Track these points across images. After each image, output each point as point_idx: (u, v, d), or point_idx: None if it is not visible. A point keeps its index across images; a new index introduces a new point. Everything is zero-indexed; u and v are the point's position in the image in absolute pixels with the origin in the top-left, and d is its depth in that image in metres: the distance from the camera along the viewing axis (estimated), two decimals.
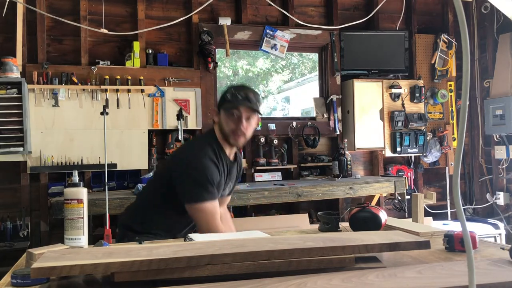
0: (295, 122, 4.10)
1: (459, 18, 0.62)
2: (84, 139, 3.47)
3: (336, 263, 1.09)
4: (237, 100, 1.84)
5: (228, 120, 1.87)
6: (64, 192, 1.40)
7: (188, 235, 1.52)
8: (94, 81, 3.51)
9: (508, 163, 4.33)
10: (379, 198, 4.12)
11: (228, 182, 1.99)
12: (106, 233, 2.66)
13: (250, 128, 1.90)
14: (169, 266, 0.99)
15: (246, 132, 1.88)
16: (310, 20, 4.17)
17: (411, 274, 1.00)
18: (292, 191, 3.39)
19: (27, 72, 3.38)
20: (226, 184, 1.99)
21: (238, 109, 1.85)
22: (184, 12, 3.80)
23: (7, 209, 3.38)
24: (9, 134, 3.20)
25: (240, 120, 1.86)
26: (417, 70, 4.44)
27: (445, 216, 4.52)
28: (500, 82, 4.33)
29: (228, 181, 1.99)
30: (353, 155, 4.17)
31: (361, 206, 1.57)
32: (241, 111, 1.85)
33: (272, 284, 0.94)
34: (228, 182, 2.01)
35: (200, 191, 1.79)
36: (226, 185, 1.99)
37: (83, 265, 0.96)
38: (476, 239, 1.28)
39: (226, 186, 2.00)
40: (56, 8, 3.57)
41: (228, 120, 1.87)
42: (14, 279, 1.04)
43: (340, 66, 4.21)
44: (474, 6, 4.63)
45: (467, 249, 0.64)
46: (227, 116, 1.88)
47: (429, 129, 4.44)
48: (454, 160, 0.65)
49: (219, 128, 1.92)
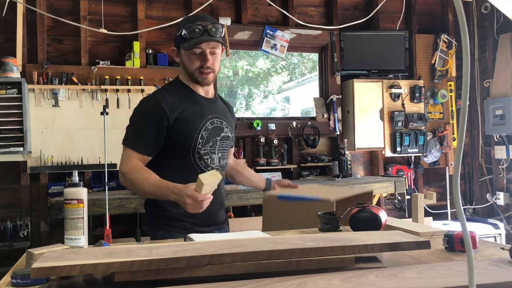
0: (295, 122, 4.10)
1: (459, 18, 0.62)
2: (84, 139, 3.47)
3: (336, 263, 1.09)
4: (196, 36, 1.66)
5: (191, 59, 1.71)
6: (64, 192, 1.40)
7: (188, 235, 1.52)
8: (94, 81, 3.51)
9: (508, 163, 4.33)
10: (379, 198, 4.12)
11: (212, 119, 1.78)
12: (106, 233, 2.66)
13: (217, 61, 1.75)
14: (169, 266, 0.99)
15: (214, 67, 1.74)
16: (310, 20, 4.18)
17: (411, 274, 1.00)
18: None
19: (27, 72, 3.38)
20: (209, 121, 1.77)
21: (199, 46, 1.68)
22: (184, 12, 3.80)
23: (7, 209, 3.38)
24: (9, 134, 3.20)
25: (205, 57, 1.70)
26: (417, 70, 4.44)
27: (445, 216, 4.52)
28: (500, 82, 4.33)
29: (212, 118, 1.78)
30: (353, 155, 4.17)
31: (361, 206, 1.57)
32: (203, 47, 1.68)
33: (272, 284, 0.94)
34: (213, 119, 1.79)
35: (127, 134, 1.74)
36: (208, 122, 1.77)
37: (83, 265, 0.96)
38: (476, 239, 1.28)
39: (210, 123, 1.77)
40: (56, 8, 3.57)
41: (191, 59, 1.71)
42: (14, 279, 1.04)
43: (340, 66, 4.21)
44: (474, 6, 4.63)
45: (467, 249, 0.64)
46: (188, 55, 1.71)
47: (429, 129, 4.44)
48: (454, 160, 0.65)
49: (183, 68, 1.77)
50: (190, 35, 1.67)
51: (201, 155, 1.75)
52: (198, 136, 1.74)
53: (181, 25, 1.72)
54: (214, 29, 1.68)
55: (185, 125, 1.72)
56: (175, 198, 1.58)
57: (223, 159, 1.83)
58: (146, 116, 1.72)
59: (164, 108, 1.69)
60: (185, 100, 1.76)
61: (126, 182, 1.70)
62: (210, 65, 1.71)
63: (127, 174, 1.68)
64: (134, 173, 1.67)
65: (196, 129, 1.74)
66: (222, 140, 1.82)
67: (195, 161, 1.75)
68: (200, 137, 1.74)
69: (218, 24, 1.70)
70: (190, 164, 1.74)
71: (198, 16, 1.76)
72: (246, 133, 3.94)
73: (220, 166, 1.81)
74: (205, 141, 1.75)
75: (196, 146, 1.73)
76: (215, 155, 1.79)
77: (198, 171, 1.72)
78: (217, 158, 1.80)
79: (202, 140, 1.75)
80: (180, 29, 1.71)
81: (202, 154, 1.75)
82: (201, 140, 1.74)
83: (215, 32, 1.68)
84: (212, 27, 1.67)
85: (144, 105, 1.75)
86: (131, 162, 1.69)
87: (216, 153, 1.79)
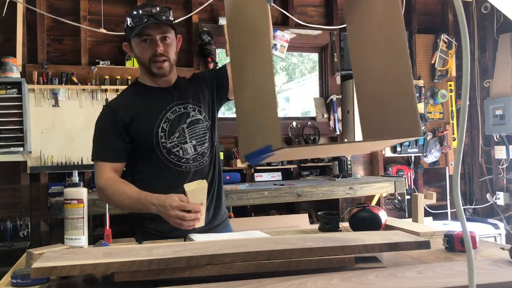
0: (295, 122, 4.10)
1: (459, 18, 0.62)
2: (84, 139, 3.46)
3: (336, 263, 1.09)
4: (141, 22, 1.52)
5: (141, 49, 1.58)
6: (64, 192, 1.40)
7: (188, 235, 1.51)
8: (94, 81, 3.51)
9: (508, 163, 4.33)
10: (379, 198, 4.12)
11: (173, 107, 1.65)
12: (106, 233, 2.65)
13: (171, 48, 1.60)
14: (169, 266, 0.99)
15: (168, 54, 1.59)
16: (310, 20, 4.17)
17: (411, 274, 1.00)
18: (292, 191, 3.38)
19: (27, 72, 3.38)
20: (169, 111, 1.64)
21: (147, 32, 1.55)
22: (184, 12, 3.80)
23: (7, 209, 3.37)
24: (9, 134, 3.19)
25: (155, 43, 1.56)
26: (417, 70, 4.44)
27: (445, 216, 4.52)
28: (500, 82, 4.33)
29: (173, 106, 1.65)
30: (353, 155, 4.17)
31: (361, 206, 1.57)
32: (151, 33, 1.55)
33: (272, 284, 0.94)
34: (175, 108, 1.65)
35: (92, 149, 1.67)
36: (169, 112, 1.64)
37: (83, 265, 0.96)
38: (476, 239, 1.28)
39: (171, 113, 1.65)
40: (56, 8, 3.57)
41: (141, 49, 1.58)
42: (14, 279, 1.04)
43: (340, 66, 4.21)
44: (474, 6, 4.63)
45: (467, 249, 0.64)
46: (139, 46, 1.58)
47: (429, 129, 4.44)
48: (454, 160, 0.65)
49: (138, 62, 1.65)
50: (136, 23, 1.53)
51: (169, 149, 1.62)
52: (158, 130, 1.62)
53: (126, 15, 1.59)
54: (161, 13, 1.54)
55: (143, 122, 1.62)
56: (156, 210, 1.47)
57: (200, 145, 1.67)
58: (102, 124, 1.66)
59: (116, 110, 1.62)
60: (140, 98, 1.66)
61: (104, 197, 1.61)
62: (162, 51, 1.57)
63: (103, 188, 1.59)
64: (110, 186, 1.58)
65: (155, 123, 1.62)
66: (191, 126, 1.66)
67: (165, 156, 1.62)
68: (161, 130, 1.62)
69: (165, 7, 1.57)
70: (160, 161, 1.62)
71: (143, 3, 1.65)
72: None
73: (197, 154, 1.66)
74: (167, 133, 1.62)
75: (160, 140, 1.61)
76: (188, 144, 1.64)
77: (172, 167, 1.62)
78: (190, 147, 1.65)
79: (164, 133, 1.62)
80: (126, 20, 1.59)
81: (170, 148, 1.62)
82: (163, 133, 1.62)
83: (162, 16, 1.53)
84: (158, 11, 1.53)
85: (99, 116, 1.69)
86: (105, 174, 1.60)
87: (188, 141, 1.65)
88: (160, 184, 1.58)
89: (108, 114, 1.65)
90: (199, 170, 1.68)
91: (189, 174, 1.65)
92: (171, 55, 1.62)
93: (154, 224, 1.62)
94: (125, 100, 1.67)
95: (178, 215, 1.41)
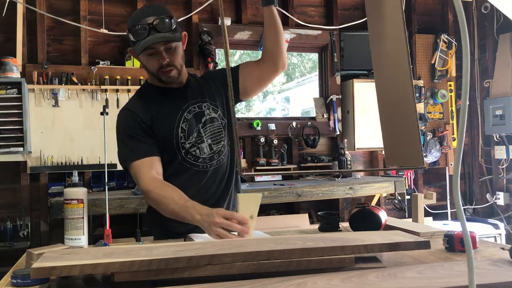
0: (295, 122, 4.10)
1: (459, 18, 0.62)
2: (84, 139, 3.47)
3: (336, 263, 1.09)
4: (144, 37, 1.49)
5: (147, 62, 1.58)
6: (64, 192, 1.40)
7: (188, 235, 1.51)
8: (94, 81, 3.51)
9: (508, 163, 4.33)
10: (379, 198, 4.12)
11: (189, 107, 1.65)
12: (106, 233, 2.65)
13: (176, 56, 1.58)
14: (169, 266, 0.99)
15: (174, 63, 1.58)
16: (310, 20, 4.18)
17: (411, 274, 1.00)
18: (292, 191, 3.39)
19: (27, 72, 3.38)
20: (186, 111, 1.65)
21: (151, 47, 1.52)
22: (184, 12, 3.80)
23: (7, 209, 3.38)
24: (9, 134, 3.20)
25: (160, 56, 1.54)
26: (417, 70, 4.44)
27: (445, 216, 4.52)
28: (500, 82, 4.33)
29: (189, 106, 1.65)
30: (353, 155, 4.17)
31: (361, 206, 1.57)
32: (155, 46, 1.52)
33: (272, 284, 0.94)
34: (190, 107, 1.66)
35: (122, 153, 1.61)
36: (186, 112, 1.65)
37: (83, 265, 0.96)
38: (476, 239, 1.28)
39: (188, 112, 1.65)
40: (56, 8, 3.57)
41: (147, 62, 1.58)
42: (14, 279, 1.04)
43: (340, 66, 4.21)
44: (474, 6, 4.63)
45: (467, 249, 0.64)
46: (143, 58, 1.58)
47: (429, 129, 4.44)
48: (454, 160, 0.65)
49: (145, 69, 1.65)
50: (137, 38, 1.51)
51: (187, 149, 1.63)
52: (178, 130, 1.62)
53: (128, 26, 1.56)
54: (162, 24, 1.49)
55: (163, 123, 1.62)
56: (201, 219, 1.39)
57: (215, 144, 1.67)
58: (126, 128, 1.63)
59: (137, 113, 1.62)
60: (155, 99, 1.66)
61: (150, 201, 1.56)
62: (168, 62, 1.56)
63: (148, 191, 1.52)
64: (155, 189, 1.51)
65: (174, 124, 1.62)
66: (206, 125, 1.66)
67: (183, 157, 1.62)
68: (181, 131, 1.62)
69: (166, 17, 1.51)
70: (179, 162, 1.63)
71: (143, 10, 1.56)
72: (246, 133, 3.94)
73: (213, 153, 1.66)
74: (187, 134, 1.63)
75: (179, 141, 1.61)
76: (204, 143, 1.64)
77: (189, 167, 1.63)
78: (206, 146, 1.65)
79: (184, 133, 1.62)
80: (128, 32, 1.55)
81: (188, 148, 1.62)
82: (183, 134, 1.62)
83: (164, 27, 1.49)
84: (159, 22, 1.48)
85: (120, 120, 1.67)
86: (146, 175, 1.54)
87: (205, 141, 1.65)
88: (178, 184, 1.55)
89: (130, 117, 1.63)
90: (217, 168, 1.68)
91: (207, 174, 1.66)
92: (178, 62, 1.60)
93: (174, 224, 1.59)
94: (143, 102, 1.65)
95: (223, 223, 1.34)
